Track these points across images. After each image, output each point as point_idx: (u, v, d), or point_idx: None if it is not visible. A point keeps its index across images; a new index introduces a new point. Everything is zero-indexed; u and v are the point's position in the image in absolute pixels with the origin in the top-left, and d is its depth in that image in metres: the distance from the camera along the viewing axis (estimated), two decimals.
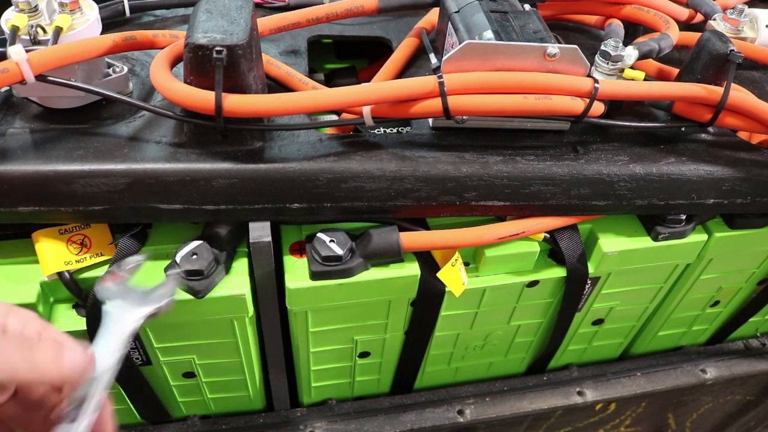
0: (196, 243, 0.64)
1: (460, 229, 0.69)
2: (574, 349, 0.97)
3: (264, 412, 0.89)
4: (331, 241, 0.66)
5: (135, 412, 0.84)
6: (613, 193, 0.69)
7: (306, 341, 0.77)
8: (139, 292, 0.54)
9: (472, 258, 0.76)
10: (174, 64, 0.62)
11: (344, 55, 1.05)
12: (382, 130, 0.70)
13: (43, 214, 0.61)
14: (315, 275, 0.66)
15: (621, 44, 0.68)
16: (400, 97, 0.62)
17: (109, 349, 0.49)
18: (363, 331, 0.78)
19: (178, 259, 0.62)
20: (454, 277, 0.69)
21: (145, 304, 0.54)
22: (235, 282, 0.66)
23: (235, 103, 0.57)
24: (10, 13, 0.60)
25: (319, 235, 0.67)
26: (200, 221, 0.68)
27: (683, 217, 0.75)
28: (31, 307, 0.63)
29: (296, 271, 0.67)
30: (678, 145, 0.72)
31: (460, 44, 0.63)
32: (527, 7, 0.71)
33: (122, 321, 0.52)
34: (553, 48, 0.62)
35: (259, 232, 0.64)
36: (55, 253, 0.63)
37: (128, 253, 0.65)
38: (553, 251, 0.78)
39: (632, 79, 0.68)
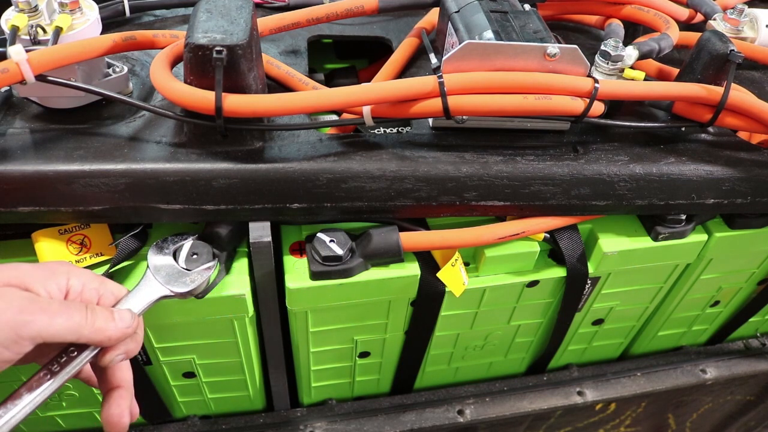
0: (190, 241, 0.64)
1: (460, 229, 0.69)
2: (574, 349, 0.97)
3: (264, 412, 0.89)
4: (331, 241, 0.66)
5: None
6: (613, 193, 0.69)
7: (306, 341, 0.77)
8: (179, 271, 0.61)
9: (472, 258, 0.76)
10: (174, 64, 0.62)
11: (344, 55, 1.05)
12: (382, 130, 0.69)
13: (43, 214, 0.61)
14: (315, 275, 0.66)
15: (621, 44, 0.68)
16: (400, 97, 0.62)
17: (134, 307, 0.56)
18: (363, 331, 0.78)
19: (180, 261, 0.62)
20: (454, 277, 0.69)
21: (177, 284, 0.60)
22: (235, 282, 0.66)
23: (235, 103, 0.57)
24: (10, 13, 0.60)
25: (319, 235, 0.67)
26: (200, 221, 0.68)
27: (683, 217, 0.75)
28: None
29: (296, 271, 0.67)
30: (678, 145, 0.72)
31: (460, 44, 0.63)
32: (527, 7, 0.71)
33: (153, 290, 0.59)
34: (553, 48, 0.62)
35: (259, 232, 0.64)
36: (55, 254, 0.63)
37: (128, 254, 0.65)
38: (553, 251, 0.78)
39: (632, 79, 0.68)
